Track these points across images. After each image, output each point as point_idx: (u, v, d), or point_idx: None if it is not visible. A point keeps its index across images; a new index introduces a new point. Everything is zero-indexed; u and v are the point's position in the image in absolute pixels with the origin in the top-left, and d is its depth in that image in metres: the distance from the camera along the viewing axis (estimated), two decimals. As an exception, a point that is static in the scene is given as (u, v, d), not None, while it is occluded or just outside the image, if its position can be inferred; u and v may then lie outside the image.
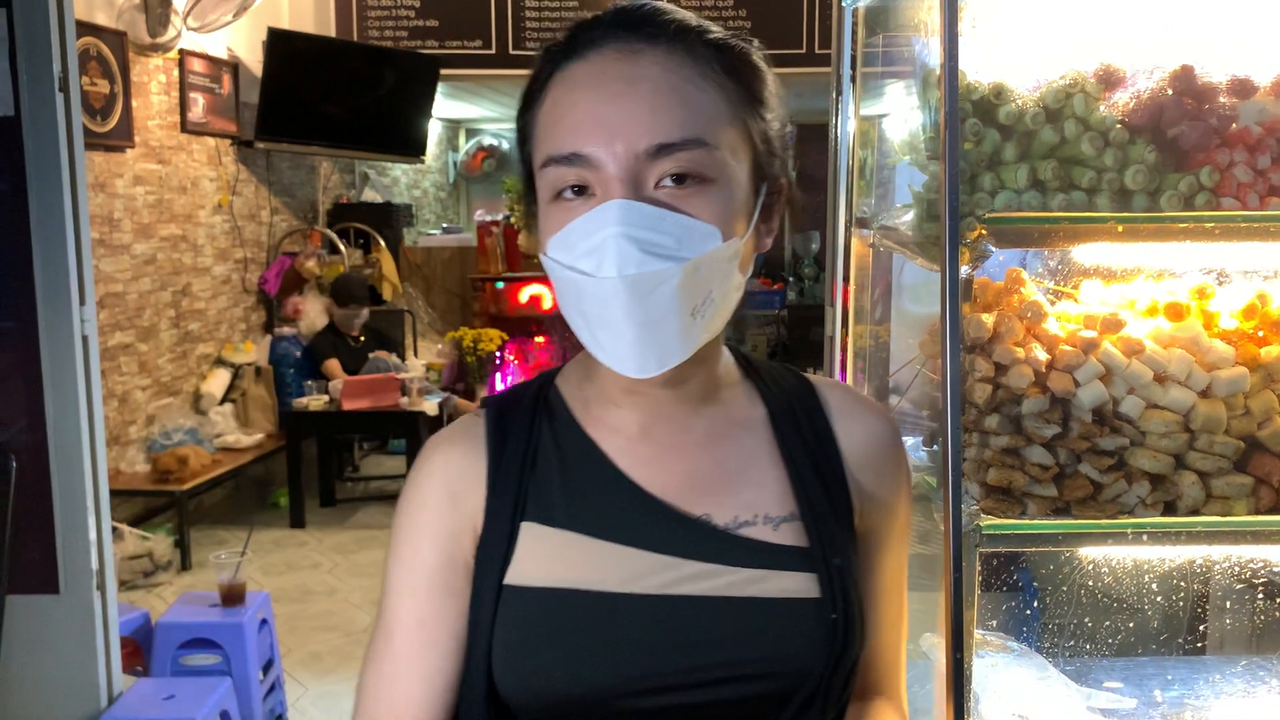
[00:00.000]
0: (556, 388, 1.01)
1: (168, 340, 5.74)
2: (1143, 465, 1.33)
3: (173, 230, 5.77)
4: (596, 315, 0.86)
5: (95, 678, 3.01)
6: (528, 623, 0.91)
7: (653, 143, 0.84)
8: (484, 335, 7.16)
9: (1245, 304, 1.40)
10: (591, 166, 0.85)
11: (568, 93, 0.88)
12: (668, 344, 0.86)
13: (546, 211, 0.89)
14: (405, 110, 7.03)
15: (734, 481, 0.96)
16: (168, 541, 5.12)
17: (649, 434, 0.97)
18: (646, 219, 0.84)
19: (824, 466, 0.99)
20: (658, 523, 0.93)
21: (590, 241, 0.84)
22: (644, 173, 0.85)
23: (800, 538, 0.95)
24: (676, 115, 0.85)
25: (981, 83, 1.36)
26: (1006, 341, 1.35)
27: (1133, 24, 1.46)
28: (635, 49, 0.87)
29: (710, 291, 0.87)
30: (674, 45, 0.88)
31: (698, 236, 0.85)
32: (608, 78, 0.87)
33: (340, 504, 6.43)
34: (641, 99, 0.85)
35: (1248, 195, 1.34)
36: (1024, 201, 1.34)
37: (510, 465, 0.96)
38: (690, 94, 0.86)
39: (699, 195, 0.86)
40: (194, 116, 5.85)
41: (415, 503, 0.98)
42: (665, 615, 0.90)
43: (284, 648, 4.26)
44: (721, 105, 0.88)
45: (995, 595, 2.08)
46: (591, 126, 0.85)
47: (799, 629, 0.92)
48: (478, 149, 10.72)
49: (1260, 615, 1.87)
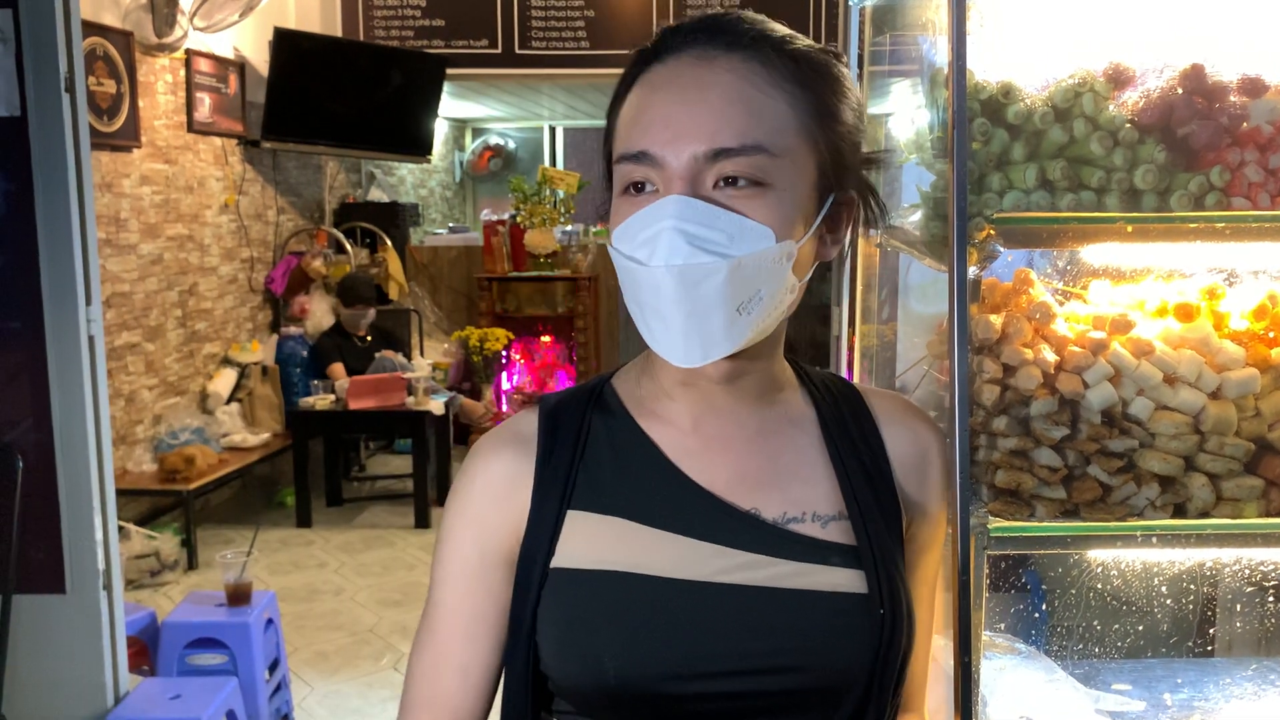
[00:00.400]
0: (612, 386, 1.04)
1: (174, 340, 5.74)
2: (1152, 467, 1.32)
3: (179, 230, 5.77)
4: (650, 304, 0.90)
5: (101, 677, 3.02)
6: (576, 604, 0.94)
7: (713, 146, 0.88)
8: (490, 334, 7.15)
9: (1256, 304, 1.39)
10: (657, 165, 0.89)
11: (646, 95, 0.92)
12: (713, 336, 0.89)
13: (616, 205, 0.94)
14: (411, 110, 7.03)
15: (784, 478, 0.99)
16: (174, 541, 5.13)
17: (701, 428, 0.99)
18: (700, 214, 0.87)
19: (873, 471, 1.02)
20: (708, 513, 0.95)
21: (646, 233, 0.88)
22: (703, 173, 0.88)
23: (848, 536, 0.97)
24: (740, 123, 0.88)
25: (990, 82, 1.35)
26: (1015, 342, 1.34)
27: (1142, 22, 1.45)
28: (711, 55, 0.91)
29: (759, 290, 0.90)
30: (749, 53, 0.91)
31: (751, 236, 0.88)
32: (682, 82, 0.91)
33: (347, 503, 6.44)
34: (710, 104, 0.89)
35: (1259, 195, 1.33)
36: (1032, 202, 1.33)
37: (560, 458, 0.99)
38: (757, 102, 0.89)
39: (756, 197, 0.89)
40: (200, 116, 5.86)
41: (460, 501, 1.02)
42: (715, 602, 0.92)
43: (290, 647, 4.26)
44: (788, 115, 0.91)
45: (1004, 597, 2.07)
46: (660, 128, 0.89)
47: (846, 623, 0.94)
48: (484, 148, 10.73)
49: (1270, 618, 1.86)
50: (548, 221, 7.26)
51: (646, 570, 0.93)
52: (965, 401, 1.27)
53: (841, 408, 1.04)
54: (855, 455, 1.01)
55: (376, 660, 4.23)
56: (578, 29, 7.15)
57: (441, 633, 1.00)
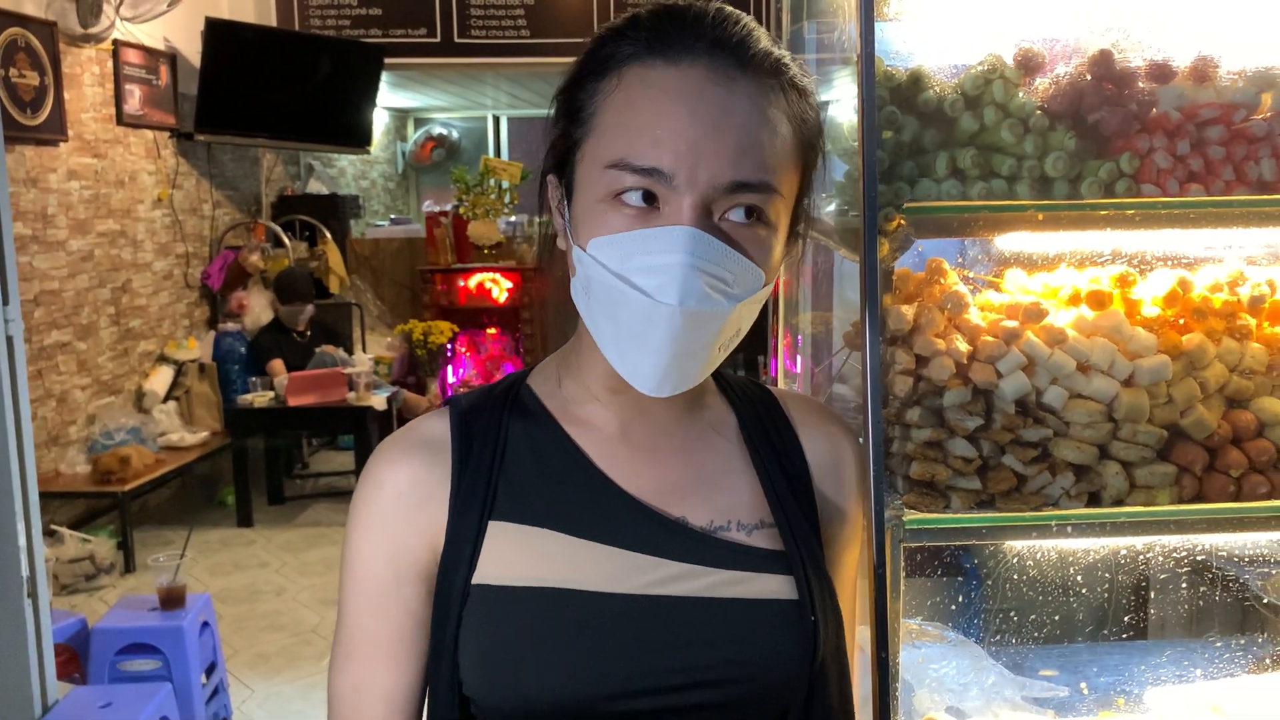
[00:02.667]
0: (529, 387, 1.00)
1: (108, 338, 5.62)
2: (1067, 456, 1.31)
3: (111, 225, 5.64)
4: (633, 330, 0.85)
5: (28, 688, 2.93)
6: (500, 624, 0.89)
7: (734, 179, 0.84)
8: (434, 328, 7.08)
9: (1167, 291, 1.39)
10: (669, 184, 0.84)
11: (655, 97, 0.85)
12: (690, 372, 0.88)
13: (597, 208, 0.86)
14: (349, 100, 6.93)
15: (709, 486, 0.97)
16: (110, 544, 5.02)
17: (629, 435, 0.97)
18: (714, 254, 0.84)
19: (793, 476, 1.01)
20: (638, 522, 0.93)
21: (653, 260, 0.83)
22: (715, 203, 0.84)
23: (775, 543, 0.96)
24: (758, 156, 0.85)
25: (900, 69, 1.34)
26: (927, 333, 1.33)
27: (1055, 5, 1.44)
28: (731, 75, 0.86)
29: (740, 328, 0.89)
30: (764, 80, 0.87)
31: (748, 277, 0.86)
32: (704, 99, 0.84)
33: (289, 501, 6.36)
34: (733, 131, 0.84)
35: (1167, 181, 1.32)
36: (944, 190, 1.32)
37: (478, 465, 0.94)
38: (770, 135, 0.86)
39: (757, 235, 0.86)
40: (130, 109, 5.72)
41: (367, 513, 0.95)
42: (648, 615, 0.90)
43: (230, 649, 4.20)
44: (790, 151, 0.88)
45: (937, 581, 2.07)
46: (683, 148, 0.83)
47: (780, 631, 0.92)
48: (427, 138, 10.61)
49: (1185, 603, 1.88)
50: (491, 212, 7.19)
51: (575, 585, 0.89)
52: (878, 393, 1.26)
53: (760, 414, 1.03)
54: (776, 461, 1.00)
55: (319, 661, 4.17)
56: (517, 17, 7.08)
57: (360, 657, 0.95)
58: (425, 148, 10.55)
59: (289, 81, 6.50)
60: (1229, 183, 1.34)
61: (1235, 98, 1.36)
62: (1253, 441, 1.35)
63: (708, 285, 0.83)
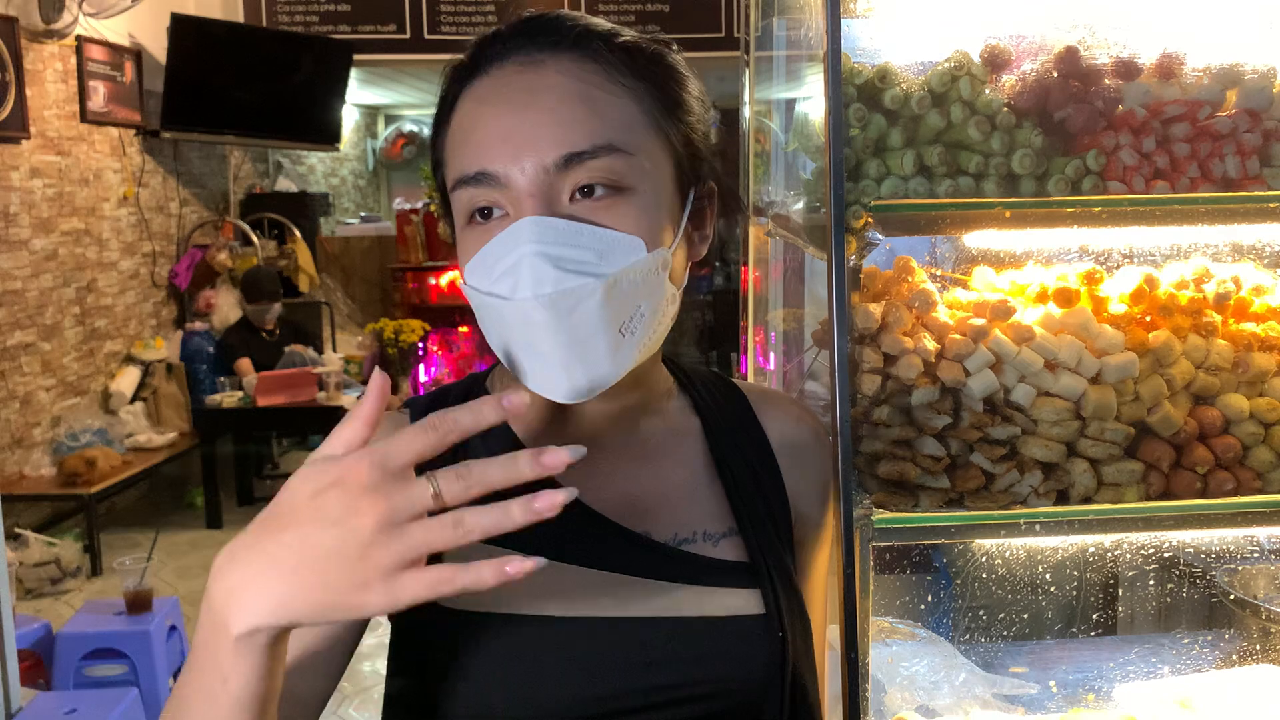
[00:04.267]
0: (487, 392, 0.97)
1: (73, 338, 5.54)
2: (1035, 454, 1.31)
3: (75, 224, 5.57)
4: (519, 340, 0.82)
5: (-10, 694, 2.89)
6: (465, 648, 0.86)
7: (561, 153, 0.80)
8: (405, 326, 7.04)
9: (1134, 288, 1.39)
10: (500, 185, 0.81)
11: (472, 109, 0.84)
12: (598, 365, 0.82)
13: (462, 238, 0.85)
14: (318, 97, 6.86)
15: (672, 498, 0.94)
16: (76, 547, 4.96)
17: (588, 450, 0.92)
18: (561, 235, 0.79)
19: (761, 477, 0.98)
20: (600, 539, 0.90)
21: (504, 263, 0.80)
22: (556, 186, 0.81)
23: (741, 553, 0.93)
24: (585, 124, 0.81)
25: (866, 66, 1.33)
26: (895, 331, 1.32)
27: (1022, 2, 1.44)
28: (537, 59, 0.84)
29: (639, 306, 0.83)
30: (579, 52, 0.84)
31: (620, 249, 0.81)
32: (510, 90, 0.83)
33: (259, 502, 6.28)
34: (546, 109, 0.81)
35: (1133, 178, 1.32)
36: (910, 188, 1.31)
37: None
38: (599, 100, 0.82)
39: (618, 205, 0.82)
40: (94, 106, 5.65)
41: None
42: (613, 639, 0.87)
43: (198, 653, 4.15)
44: (635, 111, 0.84)
45: (907, 579, 2.07)
46: (496, 142, 0.81)
47: (748, 646, 0.90)
48: (397, 135, 10.55)
49: (1154, 599, 1.88)
50: (462, 210, 7.16)
51: (540, 610, 0.87)
52: (846, 392, 1.25)
53: (726, 413, 1.01)
54: (743, 463, 0.98)
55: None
56: (488, 13, 7.04)
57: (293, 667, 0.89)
58: (396, 145, 10.48)
59: (257, 78, 6.44)
60: (1194, 180, 1.34)
61: (1200, 95, 1.36)
62: (1218, 438, 1.35)
63: (561, 268, 0.79)
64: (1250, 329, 1.39)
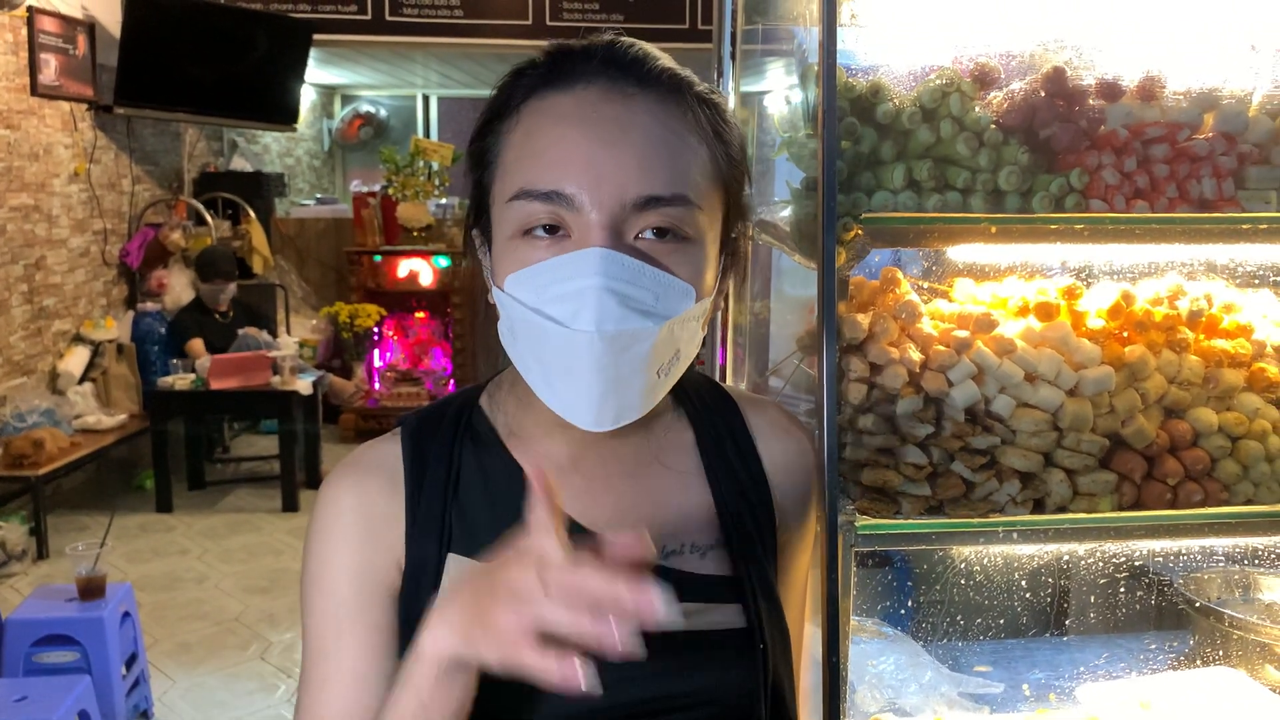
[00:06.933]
0: (481, 410, 0.97)
1: (20, 316, 5.43)
2: (1013, 464, 1.34)
3: (24, 200, 5.44)
4: (559, 364, 0.83)
5: (-62, 681, 2.84)
6: None
7: (642, 194, 0.81)
8: (361, 310, 6.98)
9: (1111, 304, 1.43)
10: (573, 208, 0.81)
11: (551, 125, 0.84)
12: (629, 401, 0.84)
13: (509, 246, 0.85)
14: (276, 76, 6.77)
15: (662, 510, 0.96)
16: (22, 530, 4.87)
17: (581, 465, 0.95)
18: (628, 272, 0.81)
19: (749, 488, 1.00)
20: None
21: (565, 287, 0.81)
22: (626, 223, 0.82)
23: (727, 566, 0.95)
24: (667, 170, 0.82)
25: (860, 80, 1.35)
26: (881, 341, 1.35)
27: (1010, 18, 1.47)
28: (628, 92, 0.84)
29: (678, 350, 0.86)
30: (666, 94, 0.85)
31: (675, 294, 0.83)
32: (600, 118, 0.83)
33: (210, 486, 6.22)
34: (634, 146, 0.82)
35: (1115, 197, 1.36)
36: (900, 202, 1.34)
37: (431, 493, 0.92)
38: (679, 149, 0.84)
39: (679, 253, 0.83)
40: (45, 79, 5.52)
41: (327, 538, 0.92)
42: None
43: (150, 639, 4.10)
44: (706, 165, 0.86)
45: (870, 572, 2.10)
46: (581, 166, 0.81)
47: (729, 660, 0.92)
48: (354, 116, 10.42)
49: (1120, 603, 1.93)
50: (421, 194, 7.10)
51: None
52: (834, 400, 1.27)
53: (717, 423, 1.02)
54: (732, 475, 0.99)
55: (243, 650, 4.10)
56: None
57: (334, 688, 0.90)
58: (352, 125, 10.35)
59: (213, 55, 6.33)
60: (1172, 200, 1.38)
61: (1179, 117, 1.40)
62: (1188, 450, 1.40)
63: (626, 306, 0.80)
64: (1220, 345, 1.44)
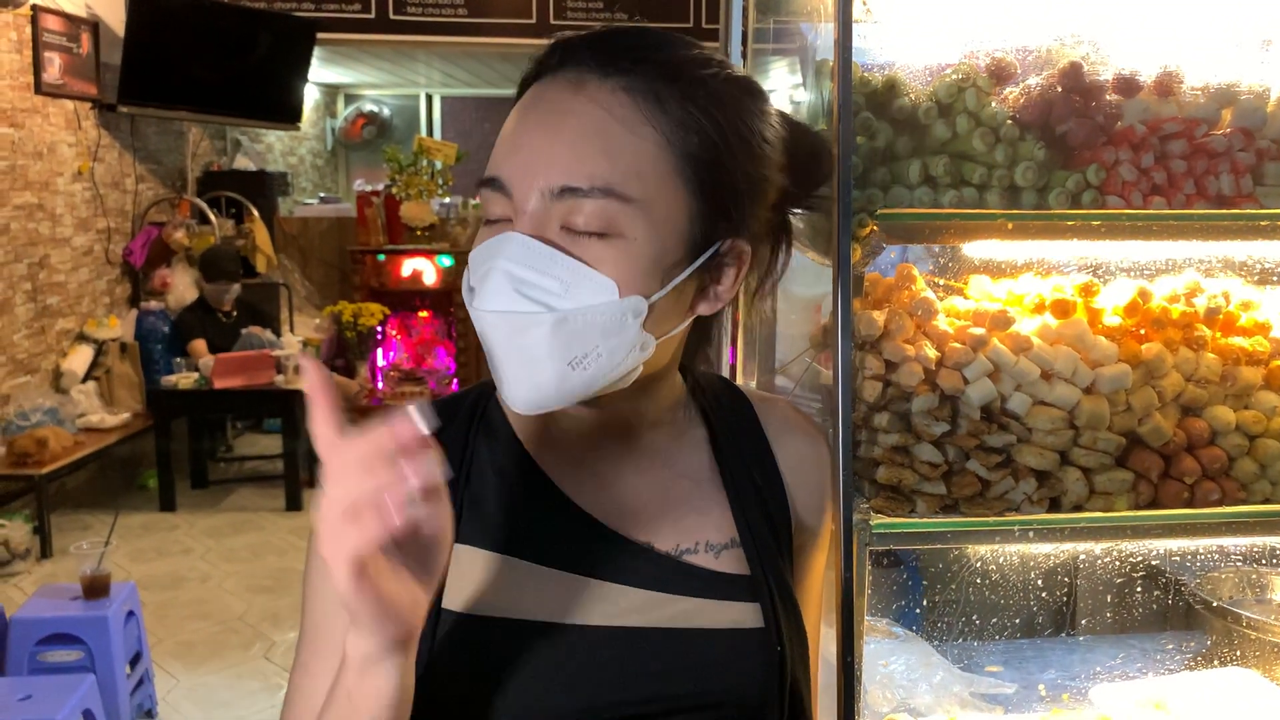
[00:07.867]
0: (496, 402, 0.96)
1: (24, 315, 5.42)
2: (1029, 462, 1.33)
3: (28, 198, 5.44)
4: (486, 343, 0.84)
5: (-59, 681, 2.83)
6: (465, 651, 0.86)
7: (559, 184, 0.80)
8: (364, 310, 6.96)
9: (1128, 301, 1.41)
10: (507, 195, 0.82)
11: (515, 113, 0.85)
12: (543, 389, 0.82)
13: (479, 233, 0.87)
14: (279, 74, 6.76)
15: (676, 507, 0.94)
16: (26, 529, 4.86)
17: (592, 461, 0.94)
18: (535, 258, 0.80)
19: (764, 488, 0.99)
20: (602, 549, 0.90)
21: (483, 268, 0.82)
22: (550, 212, 0.80)
23: (742, 565, 0.94)
24: (591, 162, 0.79)
25: (875, 76, 1.34)
26: (897, 339, 1.34)
27: (1026, 13, 1.46)
28: (582, 80, 0.82)
29: (595, 346, 0.81)
30: (624, 80, 0.81)
31: (588, 287, 0.80)
32: (544, 105, 0.83)
33: (213, 485, 6.22)
34: (564, 135, 0.80)
35: (1131, 194, 1.35)
36: (916, 197, 1.32)
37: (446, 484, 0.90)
38: (617, 139, 0.80)
39: (602, 248, 0.80)
40: (49, 77, 5.52)
41: None
42: (613, 647, 0.87)
43: (153, 638, 4.09)
44: (656, 157, 0.81)
45: (882, 573, 2.08)
46: (516, 155, 0.82)
47: (746, 660, 0.90)
48: (357, 115, 10.42)
49: (1137, 606, 1.92)
50: (425, 193, 7.09)
51: (539, 617, 0.87)
52: (849, 399, 1.26)
53: (732, 422, 1.01)
54: (747, 475, 0.98)
55: (246, 649, 4.09)
56: (455, -5, 6.97)
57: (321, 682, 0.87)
58: (356, 124, 10.35)
59: (217, 53, 6.32)
60: (1189, 196, 1.37)
61: (1197, 113, 1.39)
62: (1205, 449, 1.39)
63: (518, 290, 0.79)
64: (1238, 343, 1.42)
